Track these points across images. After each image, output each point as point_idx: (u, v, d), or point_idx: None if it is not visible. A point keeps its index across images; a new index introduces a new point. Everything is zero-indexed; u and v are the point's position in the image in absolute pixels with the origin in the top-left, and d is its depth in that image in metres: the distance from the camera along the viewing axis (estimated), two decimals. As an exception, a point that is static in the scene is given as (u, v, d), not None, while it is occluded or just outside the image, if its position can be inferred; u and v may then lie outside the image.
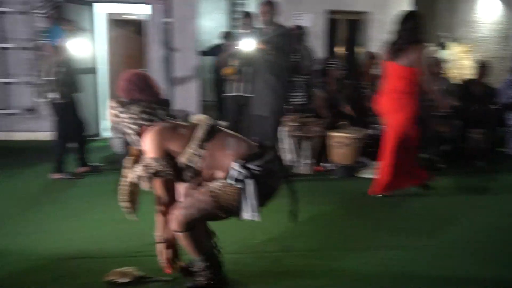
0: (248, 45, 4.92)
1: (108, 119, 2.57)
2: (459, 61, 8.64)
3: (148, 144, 2.45)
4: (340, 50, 8.46)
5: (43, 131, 7.05)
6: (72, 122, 5.14)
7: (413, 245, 3.51)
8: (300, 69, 6.21)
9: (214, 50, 7.78)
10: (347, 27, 8.44)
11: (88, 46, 5.45)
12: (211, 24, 10.71)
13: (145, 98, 2.53)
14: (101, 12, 7.93)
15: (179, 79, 6.70)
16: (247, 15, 6.27)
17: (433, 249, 3.44)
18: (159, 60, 6.45)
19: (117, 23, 8.31)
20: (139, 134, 2.52)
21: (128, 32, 8.46)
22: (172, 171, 2.44)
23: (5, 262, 3.08)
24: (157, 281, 2.81)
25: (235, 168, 2.42)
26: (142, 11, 7.53)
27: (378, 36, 8.15)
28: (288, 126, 5.62)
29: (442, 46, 8.65)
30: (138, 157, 2.61)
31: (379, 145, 4.69)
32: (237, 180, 2.41)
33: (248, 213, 2.44)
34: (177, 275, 2.80)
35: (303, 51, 6.34)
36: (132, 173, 2.50)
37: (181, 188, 2.63)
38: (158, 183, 2.44)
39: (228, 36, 7.35)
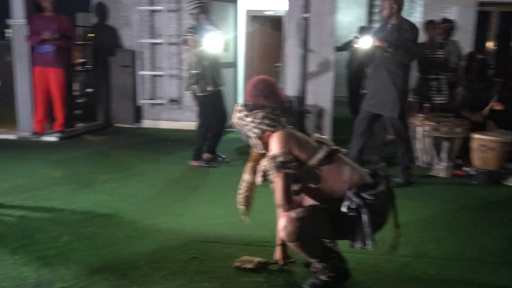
0: (367, 41, 4.74)
1: (234, 121, 2.67)
2: None
3: (276, 142, 2.47)
4: (491, 45, 7.77)
5: (185, 121, 7.58)
6: (213, 113, 5.41)
7: None
8: (446, 66, 5.83)
9: (348, 46, 7.66)
10: (500, 20, 7.71)
11: (230, 42, 5.70)
12: (349, 18, 10.57)
13: (270, 105, 2.58)
14: (241, 9, 8.25)
15: (313, 74, 6.70)
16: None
17: None
18: (295, 55, 6.51)
19: (255, 19, 8.57)
20: (261, 138, 2.58)
21: (265, 28, 8.68)
22: (296, 168, 2.45)
23: (143, 241, 3.36)
24: (281, 270, 2.85)
25: (349, 196, 2.41)
26: (281, 7, 7.67)
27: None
28: (425, 126, 5.32)
29: None
30: (258, 161, 2.67)
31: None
32: (349, 208, 2.40)
33: (360, 242, 2.42)
34: (301, 269, 2.82)
35: (450, 47, 5.94)
36: (258, 170, 2.54)
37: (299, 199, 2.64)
38: (280, 179, 2.42)
39: (364, 31, 7.17)
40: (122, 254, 3.12)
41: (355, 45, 5.03)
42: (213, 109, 5.38)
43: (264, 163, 2.47)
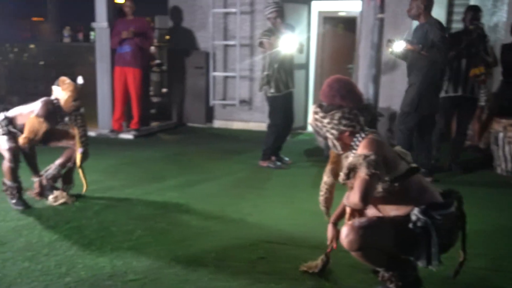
0: (400, 45, 4.81)
1: (311, 123, 2.63)
2: None
3: (368, 145, 2.40)
4: None
5: (255, 122, 7.65)
6: (283, 115, 5.41)
7: None
8: None
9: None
10: None
11: (302, 44, 5.70)
12: (426, 19, 10.14)
13: (347, 105, 2.51)
14: (314, 10, 8.19)
15: (386, 77, 6.52)
16: (471, 9, 5.73)
17: None
18: (368, 57, 6.37)
19: (327, 20, 8.48)
20: (339, 139, 2.53)
21: (337, 29, 8.56)
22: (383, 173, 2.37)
23: (212, 238, 3.42)
24: (349, 277, 2.79)
25: (416, 214, 2.33)
26: (354, 7, 7.54)
27: None
28: (508, 132, 5.01)
29: None
30: (337, 162, 2.62)
31: None
32: (415, 225, 2.32)
33: (424, 260, 2.34)
34: (369, 276, 2.74)
35: None
36: (343, 167, 2.47)
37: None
38: (367, 178, 2.31)
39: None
40: (191, 250, 3.19)
41: (389, 49, 4.94)
42: (283, 110, 5.39)
43: (353, 160, 2.38)
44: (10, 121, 3.84)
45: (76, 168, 4.03)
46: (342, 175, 2.44)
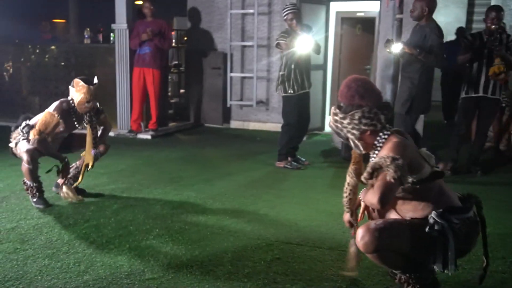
0: (397, 47, 4.78)
1: (331, 125, 2.61)
2: None
3: (393, 147, 2.37)
4: None
5: (272, 122, 7.65)
6: (299, 115, 5.42)
7: None
8: None
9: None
10: None
11: (319, 44, 5.68)
12: (446, 19, 10.06)
13: (366, 104, 2.49)
14: (332, 10, 8.18)
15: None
16: (492, 9, 5.65)
17: None
18: (386, 58, 6.33)
19: (345, 20, 8.45)
20: (360, 139, 2.51)
21: (355, 29, 8.53)
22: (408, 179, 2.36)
23: (228, 238, 3.43)
24: (366, 279, 2.78)
25: (433, 217, 2.31)
26: (372, 8, 7.51)
27: None
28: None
29: None
30: (359, 162, 2.60)
31: None
32: (432, 228, 2.30)
33: (440, 264, 2.31)
34: (386, 278, 2.73)
35: None
36: (369, 165, 2.45)
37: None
38: (391, 180, 2.28)
39: (462, 32, 6.79)
40: (207, 250, 3.21)
41: (387, 50, 4.92)
42: (298, 111, 5.39)
43: (379, 160, 2.34)
44: (32, 128, 3.92)
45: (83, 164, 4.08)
46: (365, 174, 2.40)
